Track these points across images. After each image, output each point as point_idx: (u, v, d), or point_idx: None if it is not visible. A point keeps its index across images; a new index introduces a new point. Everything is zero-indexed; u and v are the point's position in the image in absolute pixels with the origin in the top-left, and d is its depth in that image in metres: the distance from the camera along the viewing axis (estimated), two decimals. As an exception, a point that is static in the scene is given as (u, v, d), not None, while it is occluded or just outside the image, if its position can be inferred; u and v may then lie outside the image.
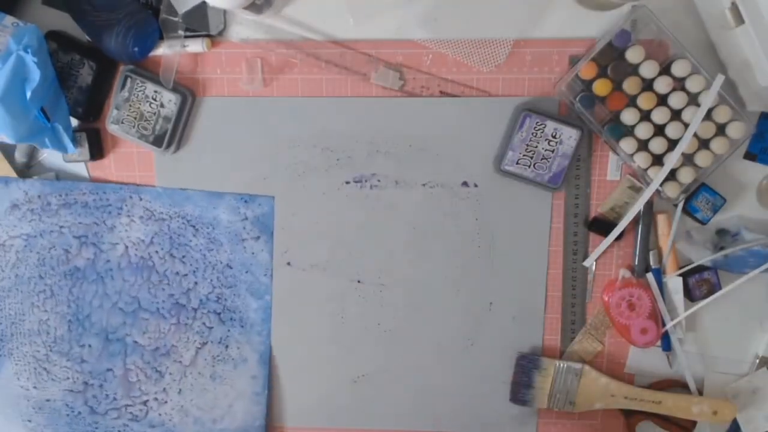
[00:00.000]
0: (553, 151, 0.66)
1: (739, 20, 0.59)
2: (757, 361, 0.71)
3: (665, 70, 0.64)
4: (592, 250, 0.70)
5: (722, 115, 0.64)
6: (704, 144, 0.65)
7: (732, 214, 0.69)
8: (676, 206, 0.68)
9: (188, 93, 0.68)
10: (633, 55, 0.63)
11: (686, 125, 0.64)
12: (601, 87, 0.64)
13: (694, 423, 0.71)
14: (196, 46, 0.66)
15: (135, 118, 0.68)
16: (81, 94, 0.67)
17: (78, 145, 0.69)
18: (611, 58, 0.64)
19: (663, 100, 0.64)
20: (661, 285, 0.69)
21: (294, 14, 0.67)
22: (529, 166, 0.67)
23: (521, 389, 0.72)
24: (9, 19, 0.63)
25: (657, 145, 0.65)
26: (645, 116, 0.65)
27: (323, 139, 0.70)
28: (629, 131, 0.65)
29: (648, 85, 0.64)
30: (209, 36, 0.67)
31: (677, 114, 0.64)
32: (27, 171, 0.72)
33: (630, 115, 0.64)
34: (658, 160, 0.66)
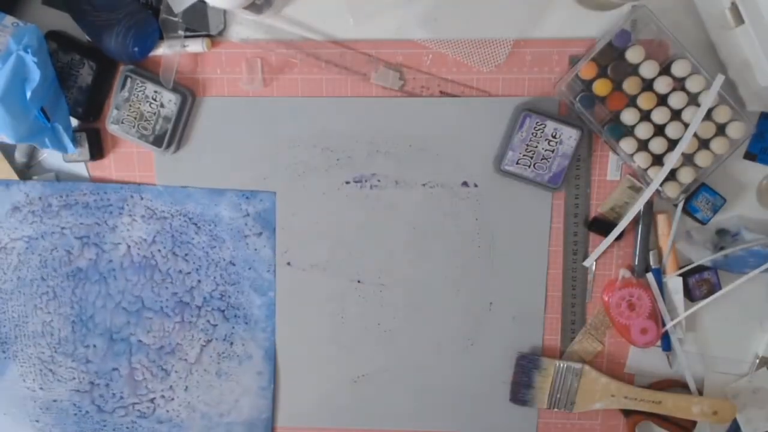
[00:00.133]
0: (553, 151, 0.66)
1: (739, 20, 0.59)
2: (757, 361, 0.71)
3: (665, 70, 0.64)
4: (592, 250, 0.70)
5: (722, 115, 0.64)
6: (704, 144, 0.65)
7: (732, 214, 0.69)
8: (676, 206, 0.68)
9: (188, 93, 0.68)
10: (633, 55, 0.63)
11: (686, 125, 0.64)
12: (601, 87, 0.64)
13: (694, 423, 0.71)
14: (196, 46, 0.66)
15: (135, 118, 0.68)
16: (81, 94, 0.67)
17: (78, 145, 0.69)
18: (611, 58, 0.64)
19: (663, 100, 0.64)
20: (661, 285, 0.69)
21: (294, 14, 0.67)
22: (529, 166, 0.67)
23: (521, 389, 0.72)
24: (9, 19, 0.63)
25: (657, 145, 0.65)
26: (645, 116, 0.65)
27: (323, 139, 0.70)
28: (629, 131, 0.65)
29: (648, 85, 0.64)
30: (209, 36, 0.67)
31: (677, 114, 0.64)
32: (27, 171, 0.72)
33: (630, 115, 0.64)
34: (658, 160, 0.66)
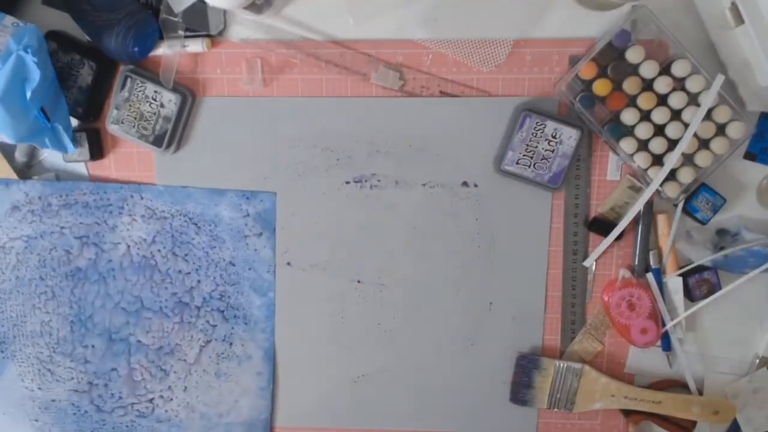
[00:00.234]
0: (553, 151, 0.66)
1: (739, 20, 0.59)
2: (757, 361, 0.71)
3: (665, 70, 0.64)
4: (592, 250, 0.70)
5: (722, 115, 0.64)
6: (704, 144, 0.65)
7: (732, 214, 0.69)
8: (676, 206, 0.68)
9: (188, 93, 0.68)
10: (633, 55, 0.63)
11: (686, 125, 0.64)
12: (601, 87, 0.64)
13: (694, 423, 0.71)
14: (196, 46, 0.66)
15: (135, 118, 0.68)
16: (81, 94, 0.67)
17: (78, 145, 0.69)
18: (611, 58, 0.64)
19: (663, 100, 0.64)
20: (661, 285, 0.69)
21: (294, 14, 0.67)
22: (529, 166, 0.67)
23: (521, 389, 0.72)
24: (9, 19, 0.63)
25: (657, 145, 0.65)
26: (645, 116, 0.65)
27: (323, 139, 0.70)
28: (629, 131, 0.65)
29: (648, 85, 0.64)
30: (209, 36, 0.67)
31: (677, 114, 0.64)
32: (27, 171, 0.72)
33: (630, 115, 0.64)
34: (658, 160, 0.66)
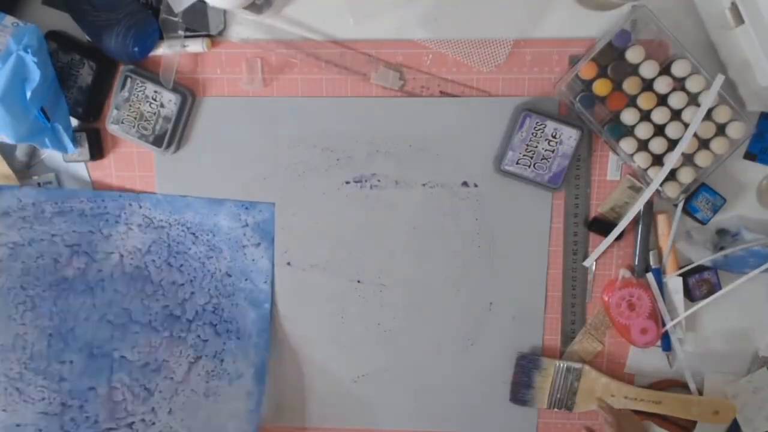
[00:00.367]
0: (553, 151, 0.66)
1: (739, 20, 0.59)
2: (758, 361, 0.71)
3: (665, 70, 0.64)
4: (592, 250, 0.70)
5: (722, 115, 0.64)
6: (704, 144, 0.65)
7: (732, 214, 0.69)
8: (676, 206, 0.68)
9: (188, 93, 0.68)
10: (633, 55, 0.63)
11: (686, 125, 0.64)
12: (601, 87, 0.64)
13: (694, 423, 0.71)
14: (196, 46, 0.66)
15: (135, 118, 0.68)
16: (81, 94, 0.67)
17: (78, 145, 0.69)
18: (611, 58, 0.64)
19: (663, 100, 0.64)
20: (661, 285, 0.69)
21: (294, 14, 0.67)
22: (529, 166, 0.67)
23: (521, 389, 0.72)
24: (9, 19, 0.63)
25: (657, 145, 0.65)
26: (645, 116, 0.65)
27: (323, 139, 0.70)
28: (629, 131, 0.65)
29: (648, 85, 0.64)
30: (209, 36, 0.67)
31: (677, 114, 0.64)
32: (27, 171, 0.72)
33: (630, 115, 0.64)
34: (658, 160, 0.66)
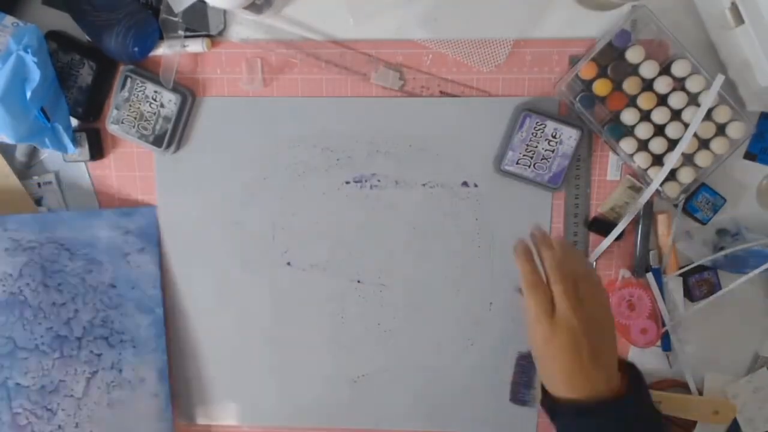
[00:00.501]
0: (553, 151, 0.66)
1: (739, 20, 0.59)
2: (758, 361, 0.71)
3: (665, 70, 0.64)
4: (592, 250, 0.70)
5: (722, 115, 0.64)
6: (704, 144, 0.65)
7: (732, 214, 0.69)
8: (676, 206, 0.68)
9: (188, 93, 0.68)
10: (633, 55, 0.63)
11: (686, 125, 0.64)
12: (601, 87, 0.64)
13: (694, 423, 0.71)
14: (196, 46, 0.66)
15: (135, 118, 0.68)
16: (81, 94, 0.67)
17: (78, 145, 0.69)
18: (611, 58, 0.64)
19: (663, 100, 0.64)
20: (661, 285, 0.69)
21: (294, 14, 0.67)
22: (529, 166, 0.67)
23: (521, 389, 0.72)
24: (9, 19, 0.63)
25: (657, 145, 0.65)
26: (645, 116, 0.65)
27: (323, 139, 0.70)
28: (629, 131, 0.65)
29: (648, 85, 0.64)
30: (209, 36, 0.67)
31: (677, 114, 0.64)
32: (27, 171, 0.72)
33: (630, 115, 0.64)
34: (658, 160, 0.66)
